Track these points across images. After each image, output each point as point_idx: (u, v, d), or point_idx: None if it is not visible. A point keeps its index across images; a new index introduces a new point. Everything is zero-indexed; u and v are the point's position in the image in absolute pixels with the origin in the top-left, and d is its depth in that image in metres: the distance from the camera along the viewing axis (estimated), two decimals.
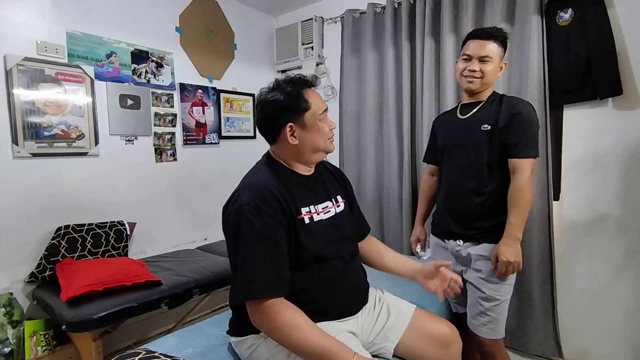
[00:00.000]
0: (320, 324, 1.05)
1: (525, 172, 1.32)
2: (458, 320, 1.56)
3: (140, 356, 0.90)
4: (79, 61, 2.04)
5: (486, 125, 1.37)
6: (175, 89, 2.49)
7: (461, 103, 1.53)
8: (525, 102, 1.40)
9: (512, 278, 1.40)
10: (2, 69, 1.78)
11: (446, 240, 1.50)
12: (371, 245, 1.36)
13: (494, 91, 1.46)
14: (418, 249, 1.74)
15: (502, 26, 1.96)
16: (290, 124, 1.08)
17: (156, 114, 2.39)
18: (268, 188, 1.03)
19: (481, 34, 1.38)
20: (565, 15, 1.85)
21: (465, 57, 1.40)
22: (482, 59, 1.36)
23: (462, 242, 1.44)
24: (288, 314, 0.97)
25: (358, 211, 1.36)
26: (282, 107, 1.08)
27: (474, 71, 1.37)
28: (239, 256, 1.00)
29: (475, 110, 1.44)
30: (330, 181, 1.26)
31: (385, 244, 2.58)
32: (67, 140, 2.00)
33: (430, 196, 1.74)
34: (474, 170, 1.39)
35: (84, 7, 2.06)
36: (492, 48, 1.35)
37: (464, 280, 1.48)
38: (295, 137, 1.09)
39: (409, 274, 1.27)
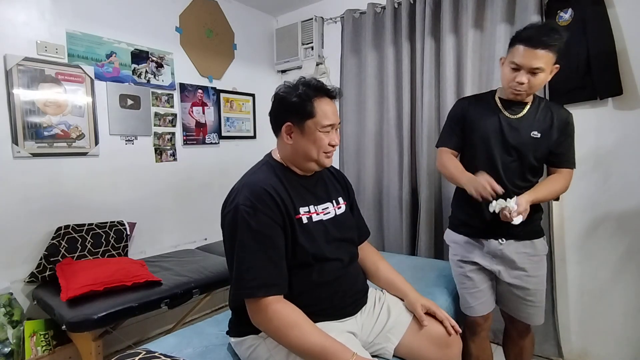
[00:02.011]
0: (320, 324, 1.05)
1: (569, 178, 1.39)
2: (457, 320, 1.55)
3: (140, 356, 0.90)
4: (79, 61, 2.04)
5: (536, 133, 1.33)
6: (175, 89, 2.49)
7: (499, 97, 1.41)
8: (570, 113, 1.40)
9: (545, 268, 1.46)
10: (2, 69, 1.78)
11: (484, 240, 1.43)
12: (367, 256, 1.34)
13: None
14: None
15: (502, 26, 1.98)
16: (288, 123, 1.08)
17: (156, 114, 2.39)
18: (264, 188, 1.04)
19: (536, 41, 1.20)
20: (565, 15, 1.85)
21: (514, 65, 1.26)
22: (533, 71, 1.24)
23: (504, 240, 1.40)
24: (287, 313, 0.97)
25: (358, 214, 1.36)
26: (287, 105, 1.08)
27: (522, 84, 1.26)
28: (235, 255, 1.00)
29: (523, 112, 1.36)
30: (331, 183, 1.26)
31: (385, 244, 2.59)
32: (67, 140, 2.00)
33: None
34: (520, 171, 1.36)
35: (84, 7, 2.06)
36: (545, 58, 1.21)
37: (498, 281, 1.47)
38: (290, 137, 1.10)
39: (397, 294, 1.29)
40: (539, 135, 1.34)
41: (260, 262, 0.99)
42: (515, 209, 1.25)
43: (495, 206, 1.28)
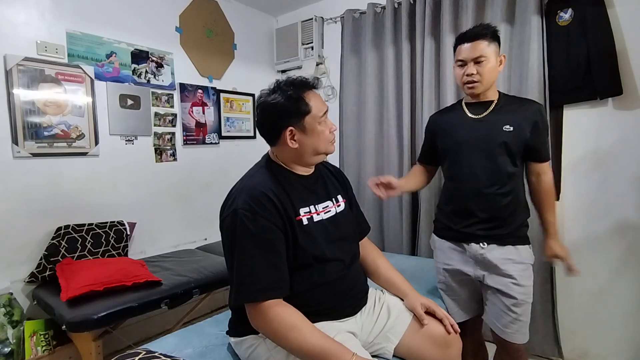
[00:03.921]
0: (320, 324, 1.05)
1: (551, 173, 1.40)
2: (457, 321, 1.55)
3: (140, 356, 0.90)
4: (79, 61, 2.04)
5: (508, 127, 1.33)
6: (175, 89, 2.49)
7: (465, 102, 1.47)
8: (541, 105, 1.43)
9: (532, 279, 1.40)
10: (2, 69, 1.78)
11: (466, 244, 1.42)
12: (367, 254, 1.33)
13: (498, 91, 1.43)
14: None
15: (502, 26, 1.98)
16: (290, 128, 1.07)
17: (156, 114, 2.39)
18: (263, 191, 1.03)
19: (469, 35, 1.35)
20: (565, 15, 1.85)
21: (459, 63, 1.37)
22: (477, 61, 1.32)
23: (486, 244, 1.38)
24: (286, 315, 0.98)
25: (357, 210, 1.36)
26: (282, 110, 1.07)
27: (472, 74, 1.33)
28: (235, 259, 1.00)
29: (490, 110, 1.39)
30: (330, 181, 1.26)
31: (385, 244, 2.59)
32: (67, 140, 2.00)
33: (420, 179, 1.66)
34: (499, 170, 1.35)
35: (84, 7, 2.06)
36: (483, 47, 1.31)
37: (483, 287, 1.45)
38: (295, 140, 1.09)
39: (397, 293, 1.29)
40: (511, 128, 1.33)
41: (260, 266, 0.99)
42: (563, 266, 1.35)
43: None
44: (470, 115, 1.43)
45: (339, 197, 1.24)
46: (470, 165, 1.39)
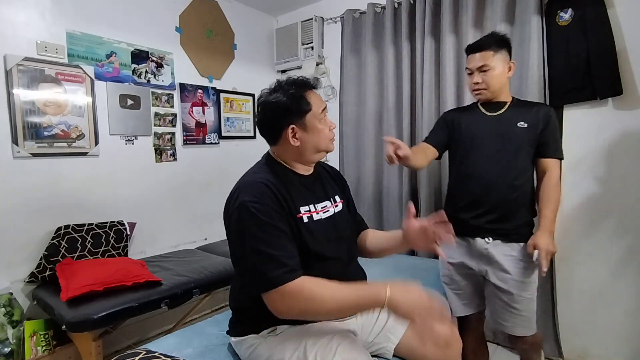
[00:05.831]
0: (320, 323, 1.05)
1: (557, 171, 1.42)
2: (457, 320, 1.56)
3: (140, 356, 0.90)
4: (79, 61, 2.04)
5: (523, 123, 1.41)
6: (175, 89, 2.49)
7: (480, 103, 1.53)
8: (551, 108, 1.49)
9: (536, 276, 1.43)
10: (2, 69, 1.78)
11: (471, 239, 1.46)
12: (361, 237, 1.33)
13: (512, 96, 1.50)
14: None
15: (502, 26, 1.98)
16: (292, 125, 1.08)
17: (156, 114, 2.39)
18: (267, 184, 1.04)
19: (474, 46, 1.44)
20: (565, 15, 1.85)
21: (468, 71, 1.47)
22: (482, 70, 1.41)
23: (491, 239, 1.42)
24: (307, 289, 0.95)
25: (355, 212, 1.36)
26: (284, 108, 1.08)
27: (478, 83, 1.43)
28: (250, 250, 0.98)
29: (505, 108, 1.47)
30: (328, 182, 1.27)
31: None
32: (67, 140, 2.00)
33: (423, 157, 1.56)
34: (511, 165, 1.40)
35: (84, 7, 2.06)
36: (487, 56, 1.40)
37: (486, 283, 1.48)
38: (297, 138, 1.10)
39: (398, 244, 1.21)
40: (525, 125, 1.40)
41: (280, 250, 0.98)
42: (536, 256, 1.31)
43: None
44: (486, 112, 1.50)
45: (337, 198, 1.25)
46: (484, 158, 1.44)
